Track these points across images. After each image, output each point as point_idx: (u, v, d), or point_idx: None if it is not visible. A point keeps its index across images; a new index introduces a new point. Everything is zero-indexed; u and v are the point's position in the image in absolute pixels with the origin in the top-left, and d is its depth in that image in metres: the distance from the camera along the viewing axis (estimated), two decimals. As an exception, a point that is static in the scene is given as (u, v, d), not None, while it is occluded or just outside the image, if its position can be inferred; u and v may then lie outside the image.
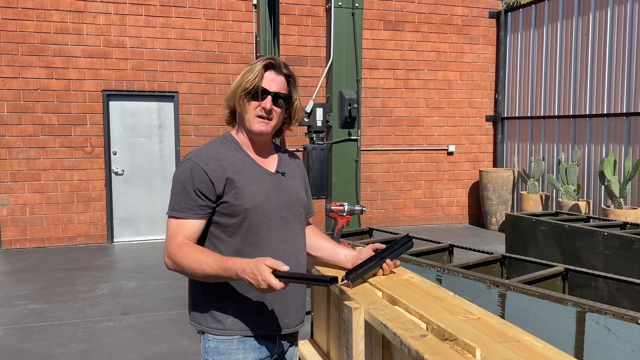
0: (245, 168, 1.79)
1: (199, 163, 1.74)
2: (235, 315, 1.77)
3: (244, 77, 1.77)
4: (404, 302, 1.76)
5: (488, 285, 2.73)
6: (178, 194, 1.74)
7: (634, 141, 7.40)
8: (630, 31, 7.43)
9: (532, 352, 1.37)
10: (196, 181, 1.72)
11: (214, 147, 1.81)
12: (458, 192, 9.71)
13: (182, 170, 1.76)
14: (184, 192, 1.73)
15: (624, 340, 2.16)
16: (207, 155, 1.76)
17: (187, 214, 1.73)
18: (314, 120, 5.22)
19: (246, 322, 1.78)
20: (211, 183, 1.72)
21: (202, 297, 1.81)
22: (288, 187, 1.86)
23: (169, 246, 1.72)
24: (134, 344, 4.32)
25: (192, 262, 1.66)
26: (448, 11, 9.39)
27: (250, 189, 1.76)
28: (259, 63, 1.78)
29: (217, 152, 1.78)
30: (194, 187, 1.72)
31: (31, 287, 5.85)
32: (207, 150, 1.79)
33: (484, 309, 1.70)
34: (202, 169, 1.72)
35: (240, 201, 1.74)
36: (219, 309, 1.78)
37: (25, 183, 7.67)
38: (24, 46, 7.57)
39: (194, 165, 1.73)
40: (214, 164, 1.74)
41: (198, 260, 1.66)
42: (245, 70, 1.81)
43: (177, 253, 1.69)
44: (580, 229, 4.49)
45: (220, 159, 1.76)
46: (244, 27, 8.41)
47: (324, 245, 2.03)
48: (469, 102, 9.63)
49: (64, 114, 7.77)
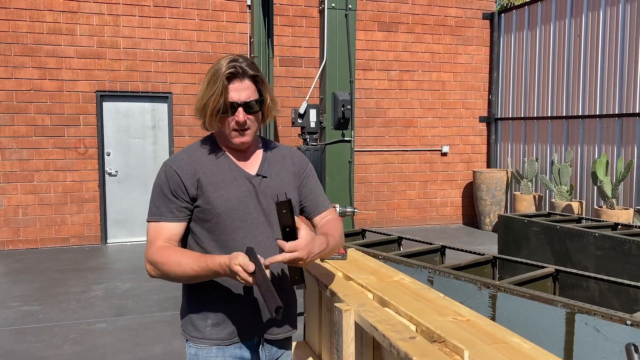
0: (222, 171, 1.74)
1: (171, 165, 1.72)
2: (214, 324, 1.75)
3: (209, 95, 1.64)
4: (394, 304, 1.77)
5: (479, 287, 2.75)
6: (156, 197, 1.73)
7: (626, 142, 7.45)
8: (622, 32, 7.48)
9: (520, 353, 1.39)
10: (171, 183, 1.70)
11: (190, 150, 1.78)
12: (452, 193, 9.74)
13: (158, 175, 1.75)
14: (160, 195, 1.71)
15: (613, 341, 2.18)
16: (182, 158, 1.74)
17: (165, 216, 1.70)
18: (308, 121, 5.24)
19: (225, 330, 1.75)
20: (183, 185, 1.69)
21: (184, 305, 1.81)
22: (270, 190, 1.77)
23: (148, 251, 1.69)
24: (128, 345, 4.32)
25: (173, 265, 1.62)
26: (442, 12, 9.42)
27: (224, 193, 1.71)
28: (221, 73, 1.63)
29: (192, 155, 1.75)
30: (169, 188, 1.70)
31: (25, 288, 5.83)
32: (182, 154, 1.77)
33: (473, 311, 1.72)
34: (175, 171, 1.70)
35: (211, 205, 1.69)
36: (198, 317, 1.76)
37: (18, 184, 7.64)
38: (16, 47, 7.54)
39: (167, 168, 1.72)
40: (187, 166, 1.71)
41: (179, 262, 1.62)
42: (207, 81, 1.67)
43: (157, 257, 1.65)
44: (571, 229, 4.52)
45: (195, 161, 1.73)
46: (238, 28, 8.41)
47: None
48: (463, 103, 9.67)
49: (57, 115, 7.74)
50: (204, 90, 1.67)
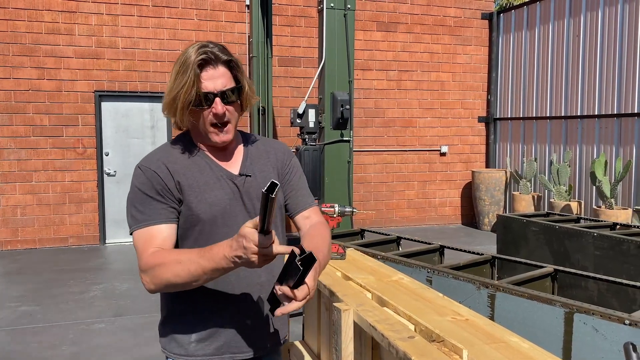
0: (202, 172, 1.55)
1: (149, 166, 1.53)
2: (199, 339, 1.57)
3: (179, 86, 1.45)
4: (392, 304, 1.77)
5: (478, 286, 2.75)
6: (137, 202, 1.50)
7: (625, 142, 7.45)
8: (620, 32, 7.49)
9: (519, 353, 1.39)
10: (154, 182, 1.50)
11: (164, 150, 1.58)
12: (451, 193, 9.74)
13: (135, 178, 1.54)
14: (143, 197, 1.50)
15: (611, 340, 2.18)
16: (157, 159, 1.54)
17: (154, 219, 1.48)
18: (307, 121, 5.24)
19: (212, 345, 1.58)
20: (166, 186, 1.51)
21: (164, 319, 1.63)
22: (254, 190, 1.60)
23: (141, 262, 1.45)
24: (126, 346, 4.31)
25: (171, 263, 1.39)
26: (441, 12, 9.42)
27: (207, 196, 1.53)
28: (191, 62, 1.45)
29: (167, 156, 1.56)
30: (154, 188, 1.50)
31: (23, 288, 5.82)
32: (156, 154, 1.57)
33: (472, 310, 1.71)
34: (154, 172, 1.51)
35: (193, 211, 1.51)
36: (181, 332, 1.58)
37: (16, 184, 7.63)
38: (15, 46, 7.53)
39: (144, 170, 1.52)
40: (164, 168, 1.52)
41: (177, 259, 1.39)
42: (175, 72, 1.48)
43: (152, 261, 1.42)
44: (570, 229, 4.52)
45: (172, 162, 1.54)
46: (237, 28, 8.40)
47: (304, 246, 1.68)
48: (462, 103, 9.67)
49: (56, 115, 7.73)
50: (172, 83, 1.47)
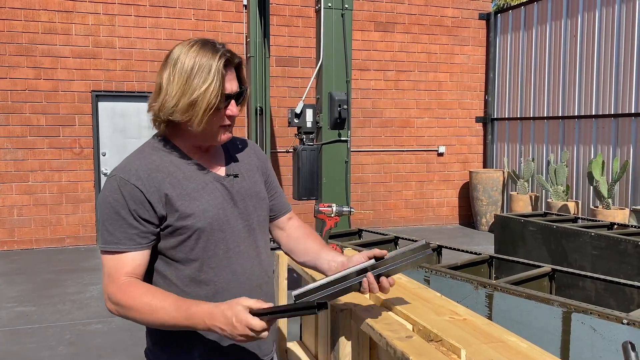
0: (189, 177, 1.44)
1: (128, 179, 1.38)
2: (201, 355, 1.46)
3: (200, 89, 1.37)
4: (390, 304, 1.77)
5: (475, 286, 2.74)
6: (109, 221, 1.37)
7: (622, 142, 7.47)
8: (617, 33, 7.50)
9: (517, 352, 1.38)
10: (129, 202, 1.36)
11: (143, 157, 1.44)
12: (448, 193, 9.74)
13: (108, 191, 1.38)
14: (116, 218, 1.37)
15: (609, 340, 2.18)
16: (138, 168, 1.40)
17: (126, 245, 1.37)
18: (304, 121, 5.23)
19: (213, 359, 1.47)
20: (148, 203, 1.37)
21: (156, 341, 1.49)
22: (245, 190, 1.53)
23: (109, 288, 1.36)
24: (123, 346, 4.30)
25: (143, 309, 1.31)
26: (438, 12, 9.43)
27: (199, 203, 1.42)
28: (214, 65, 1.38)
29: (148, 162, 1.42)
30: (128, 209, 1.36)
31: (19, 289, 5.80)
32: (136, 161, 1.42)
33: (470, 310, 1.71)
34: (134, 186, 1.37)
35: (188, 221, 1.40)
36: (181, 352, 1.46)
37: (13, 184, 7.61)
38: (11, 46, 7.51)
39: (121, 183, 1.37)
40: (147, 177, 1.39)
41: (150, 305, 1.31)
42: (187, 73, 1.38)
43: (122, 298, 1.34)
44: (567, 229, 4.53)
45: (154, 169, 1.41)
46: (235, 28, 8.39)
47: (308, 247, 1.66)
48: (459, 103, 9.67)
49: (53, 115, 7.71)
50: (183, 85, 1.37)
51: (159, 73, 1.43)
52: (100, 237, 1.42)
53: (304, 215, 8.55)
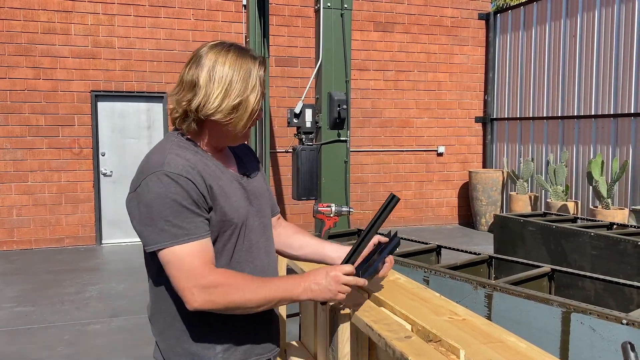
0: (218, 175, 1.47)
1: (179, 172, 1.38)
2: (225, 349, 1.49)
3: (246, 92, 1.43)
4: (389, 304, 1.76)
5: (475, 286, 2.74)
6: (173, 215, 1.36)
7: (621, 142, 7.47)
8: (617, 33, 7.50)
9: (516, 352, 1.38)
10: (190, 192, 1.37)
11: (181, 155, 1.43)
12: (448, 193, 9.74)
13: (161, 187, 1.36)
14: (181, 210, 1.36)
15: (609, 340, 2.18)
16: (183, 164, 1.40)
17: (196, 234, 1.37)
18: (303, 121, 5.23)
19: (238, 351, 1.51)
20: (201, 194, 1.40)
21: (174, 341, 1.48)
22: (257, 189, 1.59)
23: (201, 279, 1.34)
24: (123, 347, 4.29)
25: (246, 285, 1.37)
26: (438, 12, 9.43)
27: (232, 199, 1.47)
28: (256, 70, 1.45)
29: (187, 159, 1.43)
30: (191, 199, 1.37)
31: (18, 289, 5.79)
32: (176, 157, 1.41)
33: (469, 310, 1.71)
34: (187, 179, 1.38)
35: (228, 216, 1.45)
36: (202, 348, 1.47)
37: (12, 184, 7.60)
38: (10, 46, 7.50)
39: (175, 177, 1.37)
40: (192, 171, 1.40)
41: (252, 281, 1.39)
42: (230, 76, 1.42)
43: (220, 278, 1.36)
44: (567, 229, 4.52)
45: (193, 165, 1.42)
46: (234, 28, 8.39)
47: (306, 241, 1.76)
48: (459, 103, 9.67)
49: (52, 115, 7.71)
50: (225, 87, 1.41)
51: (191, 71, 1.43)
52: (159, 235, 1.36)
53: (304, 215, 8.55)
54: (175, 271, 1.36)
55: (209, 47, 1.46)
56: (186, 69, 1.45)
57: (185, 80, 1.44)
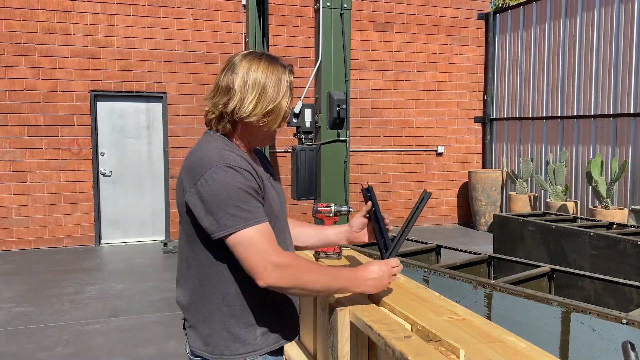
0: (260, 171, 1.63)
1: (241, 166, 1.52)
2: (263, 333, 1.63)
3: (279, 98, 1.59)
4: (389, 303, 1.76)
5: (474, 286, 2.74)
6: (242, 202, 1.48)
7: (621, 142, 7.47)
8: (616, 33, 7.50)
9: (516, 352, 1.38)
10: (251, 182, 1.52)
11: (233, 152, 1.57)
12: (447, 193, 9.74)
13: (227, 177, 1.49)
14: (248, 197, 1.49)
15: (609, 339, 2.18)
16: (236, 159, 1.54)
17: (263, 216, 1.52)
18: (303, 121, 5.22)
19: (272, 336, 1.65)
20: (258, 184, 1.55)
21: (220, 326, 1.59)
22: (279, 189, 1.76)
23: (273, 257, 1.47)
24: (122, 347, 4.29)
25: (314, 269, 1.53)
26: (437, 12, 9.43)
27: (272, 194, 1.63)
28: (287, 77, 1.61)
29: (239, 156, 1.57)
30: (253, 188, 1.52)
31: (17, 289, 5.78)
32: (230, 154, 1.55)
33: (469, 310, 1.70)
34: (248, 172, 1.52)
35: (273, 207, 1.61)
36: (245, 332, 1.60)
37: (11, 184, 7.59)
38: (9, 46, 7.49)
39: (239, 169, 1.51)
40: (246, 166, 1.54)
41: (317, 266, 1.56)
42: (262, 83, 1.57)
43: (292, 262, 1.49)
44: (566, 229, 4.52)
45: (246, 161, 1.58)
46: (233, 28, 8.38)
47: (309, 232, 1.94)
48: (458, 103, 9.67)
49: (51, 115, 7.70)
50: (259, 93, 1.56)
51: (226, 77, 1.58)
52: (229, 220, 1.47)
53: (303, 215, 8.54)
54: (249, 251, 1.47)
55: (243, 56, 1.60)
56: (221, 75, 1.60)
57: (221, 85, 1.59)
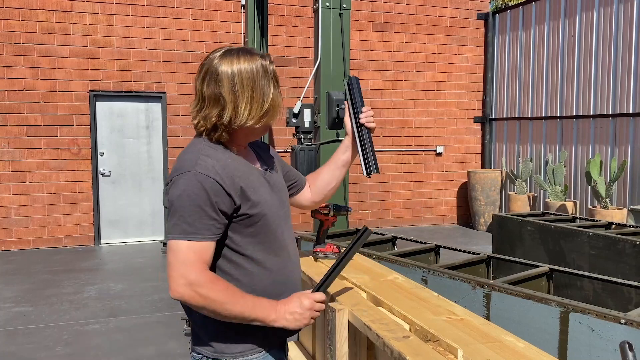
0: (248, 171, 1.60)
1: (208, 174, 1.49)
2: (266, 333, 1.60)
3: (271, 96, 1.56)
4: (387, 303, 1.76)
5: (473, 286, 2.74)
6: (189, 214, 1.47)
7: (620, 142, 7.47)
8: (615, 33, 7.51)
9: (514, 352, 1.38)
10: (211, 195, 1.48)
11: (212, 155, 1.54)
12: (447, 193, 9.74)
13: (188, 185, 1.48)
14: (197, 210, 1.47)
15: (607, 339, 2.18)
16: (213, 165, 1.51)
17: (204, 235, 1.48)
18: (302, 121, 5.23)
19: (276, 335, 1.62)
20: (227, 195, 1.50)
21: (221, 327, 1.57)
22: (278, 183, 1.71)
23: (190, 274, 1.45)
24: (121, 347, 4.29)
25: (227, 297, 1.47)
26: (436, 12, 9.43)
27: (260, 192, 1.59)
28: (273, 74, 1.57)
29: (219, 160, 1.54)
30: (210, 202, 1.48)
31: (16, 289, 5.78)
32: (207, 159, 1.52)
33: (467, 310, 1.71)
34: (214, 180, 1.48)
35: (258, 208, 1.55)
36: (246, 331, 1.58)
37: (10, 184, 7.59)
38: (9, 46, 7.49)
39: (203, 178, 1.48)
40: (223, 172, 1.51)
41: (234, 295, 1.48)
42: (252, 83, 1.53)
43: (206, 284, 1.46)
44: (565, 229, 4.52)
45: (226, 166, 1.53)
46: (232, 28, 8.38)
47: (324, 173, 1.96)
48: (457, 103, 9.68)
49: (50, 115, 7.70)
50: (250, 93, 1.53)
51: (210, 87, 1.52)
52: (172, 228, 1.49)
53: (302, 214, 8.54)
54: (172, 258, 1.48)
55: (219, 58, 1.54)
56: (203, 85, 1.54)
57: (207, 96, 1.53)
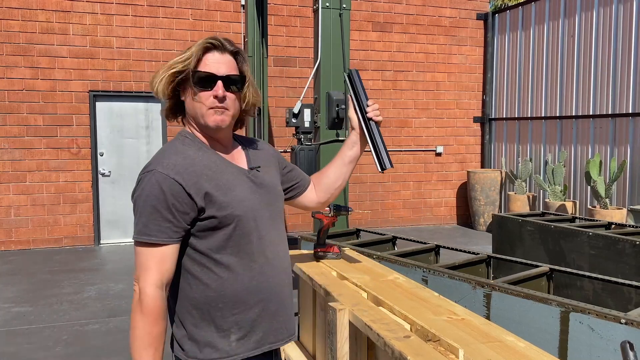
0: (222, 169, 1.53)
1: (167, 173, 1.43)
2: (239, 337, 1.52)
3: (178, 60, 1.50)
4: (388, 303, 1.76)
5: (473, 286, 2.74)
6: (145, 214, 1.43)
7: (619, 142, 7.48)
8: (615, 33, 7.51)
9: (515, 352, 1.38)
10: (169, 196, 1.42)
11: (179, 152, 1.50)
12: (446, 193, 9.75)
13: (147, 185, 1.44)
14: (152, 211, 1.42)
15: (607, 339, 2.18)
16: (176, 163, 1.45)
17: (158, 237, 1.42)
18: (302, 121, 5.23)
19: (252, 339, 1.55)
20: (187, 195, 1.43)
21: (189, 330, 1.53)
22: (266, 183, 1.63)
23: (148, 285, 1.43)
24: (121, 347, 4.29)
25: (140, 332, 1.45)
26: (436, 12, 9.43)
27: (235, 193, 1.51)
28: (197, 44, 1.51)
29: (185, 156, 1.48)
30: (166, 203, 1.42)
31: (16, 289, 5.78)
32: (172, 156, 1.47)
33: (468, 310, 1.71)
34: (174, 180, 1.43)
35: (228, 210, 1.47)
36: (217, 337, 1.52)
37: (10, 184, 7.59)
38: (8, 46, 7.49)
39: (161, 177, 1.43)
40: (186, 172, 1.45)
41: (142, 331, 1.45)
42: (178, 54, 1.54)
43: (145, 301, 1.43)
44: (565, 229, 4.53)
45: (192, 164, 1.47)
46: (232, 28, 8.38)
47: (331, 171, 1.89)
48: (457, 103, 9.68)
49: (50, 115, 7.69)
50: (169, 62, 1.50)
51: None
52: (135, 228, 1.46)
53: (302, 214, 8.54)
54: (137, 263, 1.46)
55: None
56: None
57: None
